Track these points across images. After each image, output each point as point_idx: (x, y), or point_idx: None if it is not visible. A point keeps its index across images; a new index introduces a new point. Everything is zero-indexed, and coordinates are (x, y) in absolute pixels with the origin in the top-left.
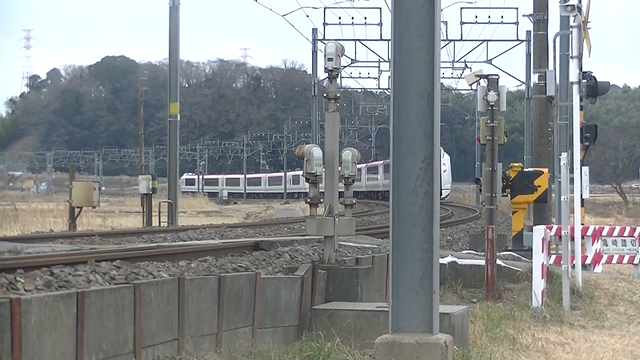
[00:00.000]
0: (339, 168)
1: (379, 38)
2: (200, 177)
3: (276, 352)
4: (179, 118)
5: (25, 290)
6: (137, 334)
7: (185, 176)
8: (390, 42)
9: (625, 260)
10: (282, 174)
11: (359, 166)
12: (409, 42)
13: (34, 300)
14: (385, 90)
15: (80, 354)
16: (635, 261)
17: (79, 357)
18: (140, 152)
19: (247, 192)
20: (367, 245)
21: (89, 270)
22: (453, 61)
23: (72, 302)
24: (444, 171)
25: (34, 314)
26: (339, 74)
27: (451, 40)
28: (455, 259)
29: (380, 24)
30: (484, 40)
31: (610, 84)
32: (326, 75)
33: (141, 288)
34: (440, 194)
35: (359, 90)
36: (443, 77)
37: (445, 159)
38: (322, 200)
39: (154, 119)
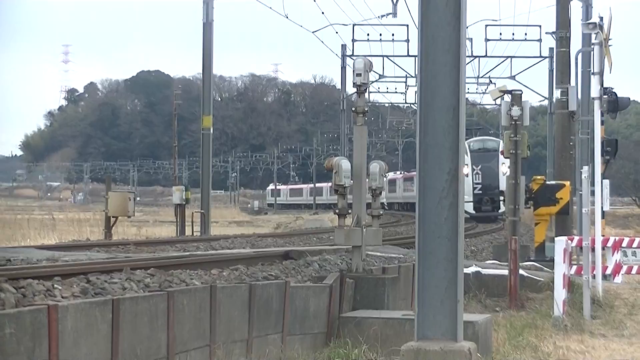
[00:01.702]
0: (367, 180)
1: (406, 54)
2: (286, 187)
3: (305, 359)
4: (211, 131)
5: (62, 297)
6: (170, 340)
7: (270, 187)
8: (417, 57)
9: None
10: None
11: (393, 177)
12: (435, 58)
13: (70, 307)
14: (411, 105)
15: (114, 356)
16: None
17: None
18: (174, 164)
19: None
20: (394, 255)
21: (124, 278)
22: (478, 77)
23: (107, 309)
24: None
25: (70, 320)
26: (367, 89)
27: (476, 57)
28: (479, 269)
29: (407, 41)
30: (507, 57)
31: (631, 99)
32: (354, 90)
33: (174, 295)
34: None
35: (386, 105)
36: (468, 92)
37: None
38: (350, 211)
39: (187, 132)
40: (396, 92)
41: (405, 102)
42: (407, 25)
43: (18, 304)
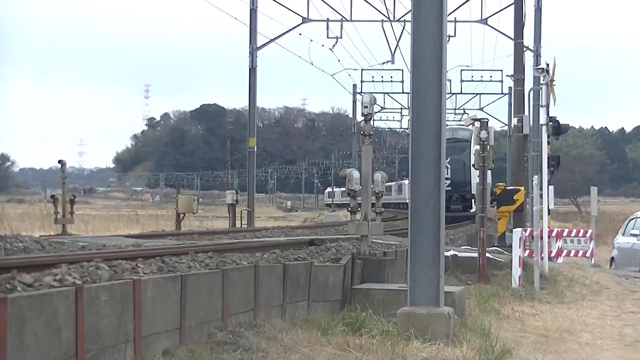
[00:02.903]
0: (372, 186)
1: (401, 91)
2: (339, 189)
3: (325, 320)
4: (255, 149)
5: (144, 274)
6: (224, 305)
7: (328, 189)
8: (409, 94)
9: (579, 254)
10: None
11: (389, 184)
12: (423, 94)
13: (150, 281)
14: (405, 130)
15: (183, 320)
16: (587, 255)
17: (182, 322)
18: (227, 174)
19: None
20: (392, 242)
21: (190, 259)
22: (455, 108)
23: (177, 282)
24: None
25: (149, 290)
26: (372, 118)
27: (454, 94)
28: (456, 253)
29: (402, 81)
30: (477, 94)
31: (569, 125)
32: (362, 118)
33: (227, 272)
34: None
35: (386, 129)
36: (447, 120)
37: None
38: (359, 209)
39: (237, 150)
40: (394, 120)
41: (401, 128)
42: (402, 70)
43: (111, 278)
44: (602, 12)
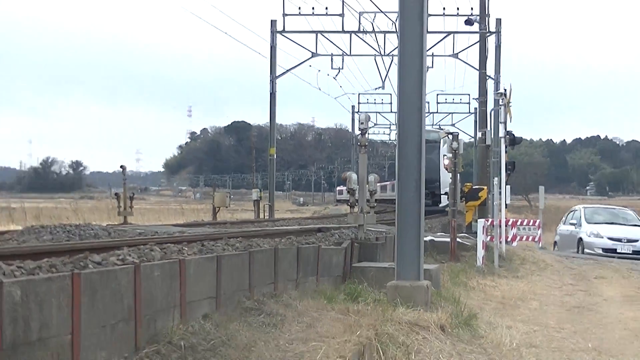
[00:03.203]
0: (367, 185)
1: (390, 111)
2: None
3: (330, 291)
4: (274, 157)
5: (187, 254)
6: (250, 279)
7: (338, 188)
8: (396, 113)
9: (530, 239)
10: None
11: (385, 184)
12: (407, 113)
13: (192, 261)
14: (393, 141)
15: (218, 290)
16: (536, 239)
17: (217, 292)
18: (253, 176)
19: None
20: (382, 230)
21: (224, 243)
22: (432, 124)
23: (213, 261)
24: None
25: (192, 268)
26: (367, 132)
27: (431, 112)
28: (433, 238)
29: (391, 103)
30: (450, 113)
31: (522, 138)
32: (359, 132)
33: (253, 253)
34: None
35: (379, 141)
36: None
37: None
38: (357, 204)
39: (260, 157)
40: (384, 134)
41: (390, 140)
42: (391, 94)
43: (162, 258)
44: (550, 39)
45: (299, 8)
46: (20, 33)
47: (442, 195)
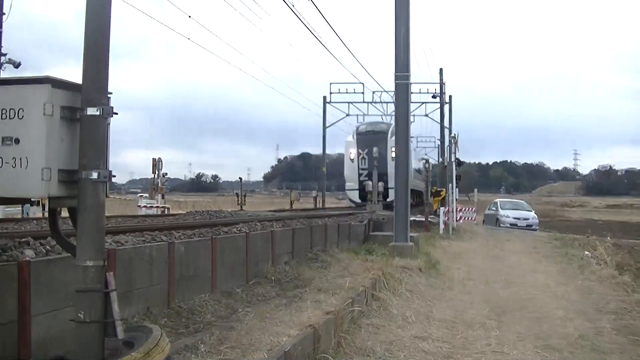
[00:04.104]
0: (378, 189)
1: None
2: None
3: (356, 248)
4: (325, 172)
5: (275, 227)
6: (311, 242)
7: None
8: (395, 148)
9: (469, 219)
10: None
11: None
12: (401, 149)
13: (278, 231)
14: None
15: (292, 248)
16: (473, 219)
17: (292, 249)
18: (314, 183)
19: None
20: (386, 214)
21: (296, 221)
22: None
23: (290, 231)
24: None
25: (278, 235)
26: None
27: (415, 148)
28: (414, 218)
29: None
30: (424, 147)
31: (464, 161)
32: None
33: (313, 227)
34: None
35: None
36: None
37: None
38: (371, 200)
39: (317, 172)
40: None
41: None
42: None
43: (262, 229)
44: (486, 100)
45: (338, 89)
46: None
47: (389, 189)
